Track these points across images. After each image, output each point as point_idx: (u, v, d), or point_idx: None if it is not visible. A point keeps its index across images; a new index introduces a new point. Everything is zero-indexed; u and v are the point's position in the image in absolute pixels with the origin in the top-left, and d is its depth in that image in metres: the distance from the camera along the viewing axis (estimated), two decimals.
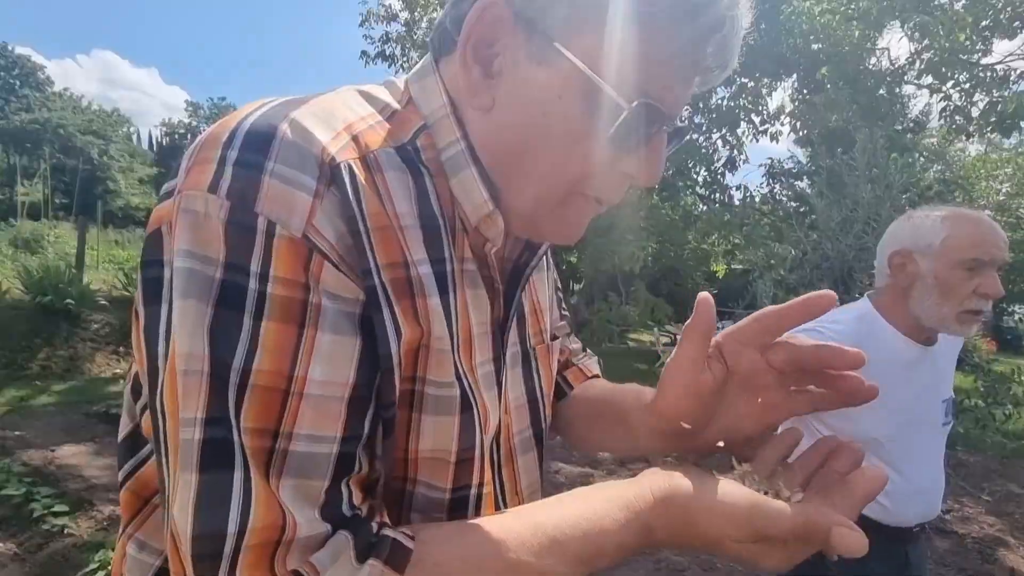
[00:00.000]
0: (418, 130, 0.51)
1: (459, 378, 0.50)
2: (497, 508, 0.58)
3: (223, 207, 0.39)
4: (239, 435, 0.39)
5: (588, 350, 0.88)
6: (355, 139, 0.45)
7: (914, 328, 1.34)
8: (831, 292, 0.48)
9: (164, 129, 60.37)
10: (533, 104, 0.47)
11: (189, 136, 56.78)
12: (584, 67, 0.44)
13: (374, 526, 0.42)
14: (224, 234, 0.39)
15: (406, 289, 0.45)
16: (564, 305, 0.82)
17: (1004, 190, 15.98)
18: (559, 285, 0.81)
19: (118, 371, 6.64)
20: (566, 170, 0.48)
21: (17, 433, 4.48)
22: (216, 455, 0.38)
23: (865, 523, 0.42)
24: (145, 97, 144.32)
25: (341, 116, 0.46)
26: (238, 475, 0.38)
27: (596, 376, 0.84)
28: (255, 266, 0.39)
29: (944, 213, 1.33)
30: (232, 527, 0.37)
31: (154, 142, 64.12)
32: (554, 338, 0.73)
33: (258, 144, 0.40)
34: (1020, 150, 15.00)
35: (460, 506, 0.53)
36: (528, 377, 0.66)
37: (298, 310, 0.40)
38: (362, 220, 0.43)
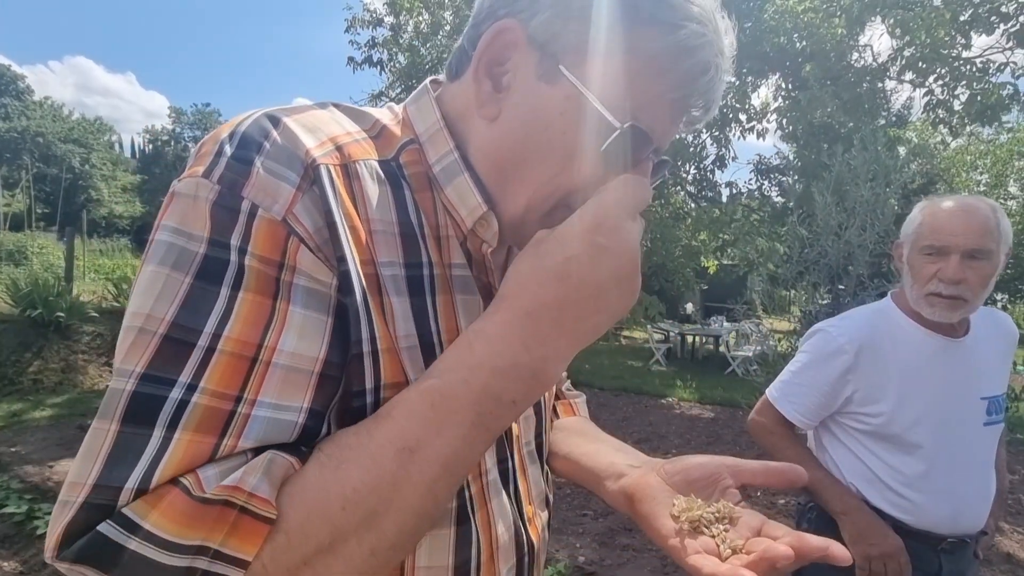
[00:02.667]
0: (402, 146, 0.55)
1: None
2: (492, 520, 0.57)
3: (213, 190, 0.43)
4: (191, 394, 0.39)
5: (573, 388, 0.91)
6: (339, 149, 0.49)
7: (923, 317, 1.36)
8: (801, 471, 0.54)
9: (147, 136, 59.55)
10: (537, 117, 0.51)
11: (173, 143, 56.04)
12: (585, 89, 0.49)
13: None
14: (210, 213, 0.42)
15: (375, 286, 0.48)
16: None
17: (984, 180, 16.30)
18: None
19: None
20: (559, 180, 0.52)
21: (13, 449, 4.42)
22: (142, 409, 0.39)
23: (894, 526, 0.43)
24: (123, 103, 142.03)
25: (327, 129, 0.50)
26: (158, 433, 0.38)
27: (584, 417, 0.87)
28: (235, 241, 0.42)
29: (924, 203, 1.40)
30: (132, 483, 0.37)
31: (136, 149, 63.31)
32: None
33: (252, 143, 0.45)
34: (999, 142, 15.30)
35: (464, 516, 0.53)
36: None
37: (273, 284, 0.42)
38: (339, 217, 0.46)
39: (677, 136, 0.60)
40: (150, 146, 58.29)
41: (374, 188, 0.50)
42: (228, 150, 0.44)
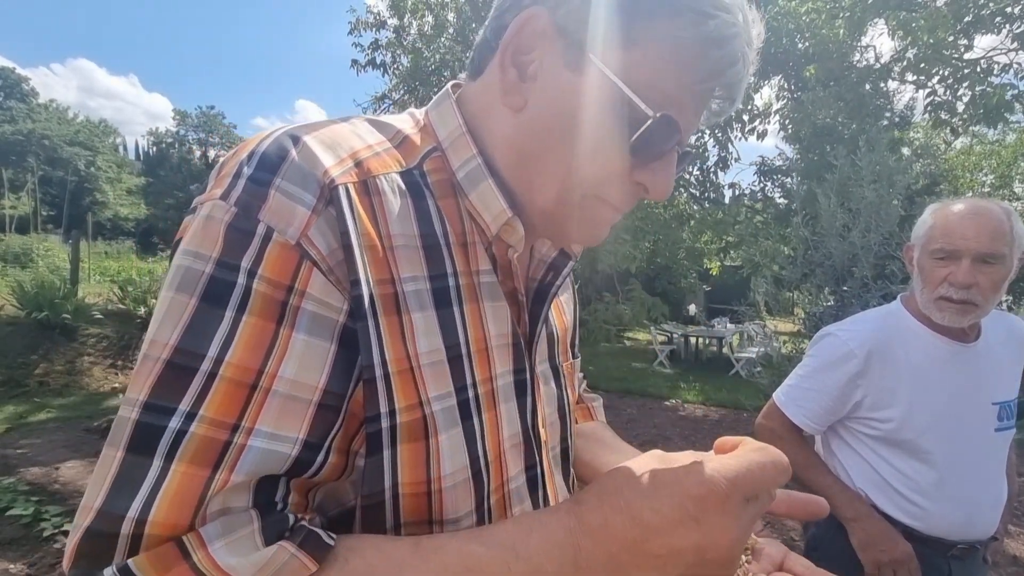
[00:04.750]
0: (425, 155, 0.54)
1: (464, 387, 0.51)
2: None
3: (229, 212, 0.43)
4: (189, 424, 0.39)
5: (590, 391, 0.91)
6: (358, 165, 0.48)
7: (934, 321, 1.35)
8: (824, 503, 0.53)
9: (151, 138, 59.72)
10: (564, 106, 0.50)
11: (177, 145, 56.23)
12: (615, 78, 0.48)
13: (291, 516, 0.41)
14: (224, 234, 0.42)
15: (392, 306, 0.47)
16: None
17: (988, 182, 16.21)
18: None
19: (116, 385, 6.58)
20: (586, 171, 0.51)
21: (19, 451, 4.44)
22: (143, 439, 0.39)
23: (904, 532, 0.45)
24: (127, 105, 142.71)
25: (347, 144, 0.49)
26: (156, 463, 0.39)
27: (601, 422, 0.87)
28: (246, 263, 0.42)
29: (935, 205, 1.38)
30: (133, 512, 0.38)
31: (140, 151, 63.51)
32: (575, 356, 0.77)
33: (270, 164, 0.44)
34: (1004, 143, 15.23)
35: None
36: (559, 394, 0.68)
37: (278, 309, 0.42)
38: (356, 237, 0.45)
39: (697, 131, 0.58)
40: (154, 148, 58.45)
41: (395, 202, 0.49)
42: (247, 171, 0.44)
